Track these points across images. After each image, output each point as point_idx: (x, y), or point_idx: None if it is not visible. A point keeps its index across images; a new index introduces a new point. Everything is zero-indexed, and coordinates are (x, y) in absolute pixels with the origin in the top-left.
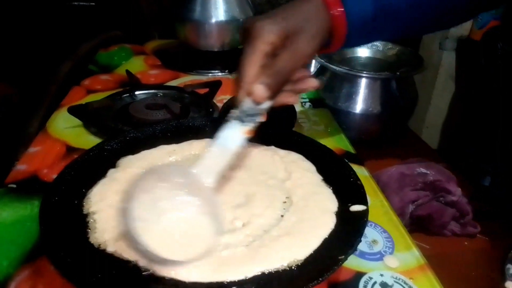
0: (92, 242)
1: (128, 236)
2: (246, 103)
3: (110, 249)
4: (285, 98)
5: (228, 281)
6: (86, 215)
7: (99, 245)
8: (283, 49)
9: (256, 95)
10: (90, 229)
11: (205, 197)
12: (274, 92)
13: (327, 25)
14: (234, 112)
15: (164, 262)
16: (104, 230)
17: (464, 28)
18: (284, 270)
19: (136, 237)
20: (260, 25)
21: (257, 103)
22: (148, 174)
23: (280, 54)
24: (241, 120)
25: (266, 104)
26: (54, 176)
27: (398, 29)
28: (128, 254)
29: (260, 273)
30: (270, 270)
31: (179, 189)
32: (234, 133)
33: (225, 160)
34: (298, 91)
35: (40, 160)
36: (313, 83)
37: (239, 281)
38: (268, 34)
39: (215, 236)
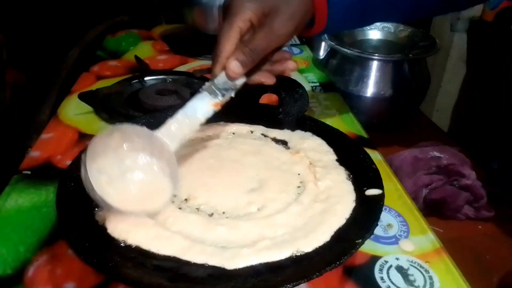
0: (98, 218)
1: (89, 189)
2: (220, 77)
3: (108, 224)
4: (262, 78)
5: (244, 266)
6: None
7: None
8: (260, 27)
9: (230, 70)
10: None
11: (165, 160)
12: (248, 69)
13: (307, 7)
14: (206, 84)
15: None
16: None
17: (476, 9)
18: (300, 254)
19: (95, 188)
20: (239, 2)
21: (231, 78)
22: (114, 131)
23: (257, 32)
24: (212, 92)
25: (240, 81)
26: (68, 162)
27: (385, 13)
28: (117, 233)
29: (277, 258)
30: (287, 255)
31: (142, 149)
32: (202, 104)
33: (189, 129)
34: (275, 72)
35: (53, 146)
36: (291, 65)
37: (255, 265)
38: (245, 11)
39: (170, 196)
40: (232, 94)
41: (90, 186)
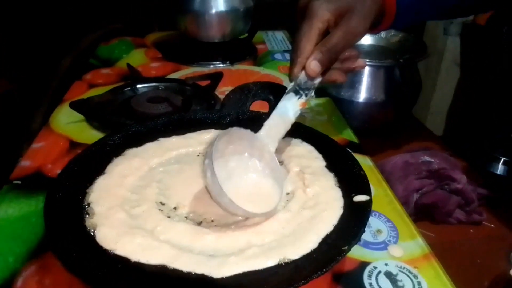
0: (87, 226)
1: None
2: (301, 77)
3: (97, 233)
4: (334, 76)
5: (231, 275)
6: (87, 206)
7: (93, 229)
8: (336, 27)
9: (310, 70)
10: (88, 214)
11: (267, 161)
12: (326, 68)
13: (378, 5)
14: (290, 85)
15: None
16: (100, 215)
17: None
18: (287, 262)
19: (220, 189)
20: (316, 4)
21: (311, 77)
22: (221, 135)
23: (334, 32)
24: (296, 92)
25: (318, 79)
26: (58, 171)
27: (446, 8)
28: (106, 243)
29: (264, 266)
30: (274, 263)
31: (245, 151)
32: (291, 104)
33: (284, 128)
34: (345, 69)
35: (43, 155)
36: (361, 63)
37: (241, 273)
38: (323, 12)
39: (279, 196)
40: (313, 94)
41: (218, 188)
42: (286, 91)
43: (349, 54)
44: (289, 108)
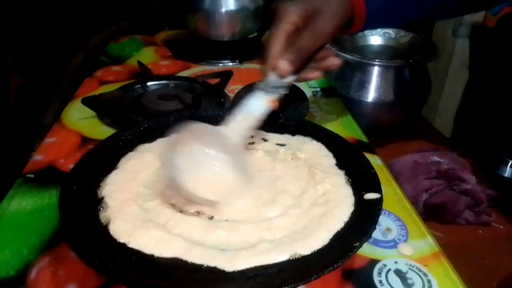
0: (101, 219)
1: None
2: (271, 77)
3: (111, 226)
4: (309, 74)
5: (243, 269)
6: (101, 199)
7: (107, 222)
8: (305, 28)
9: (280, 69)
10: (102, 207)
11: (233, 155)
12: (297, 67)
13: (346, 6)
14: (260, 84)
15: (207, 202)
16: (113, 208)
17: (478, 15)
18: (298, 257)
19: (177, 181)
20: (283, 7)
21: (281, 77)
22: (186, 132)
23: (302, 33)
24: (265, 91)
25: (290, 78)
26: (70, 166)
27: (420, 11)
28: (119, 235)
29: (276, 261)
30: (285, 258)
31: (212, 146)
32: (258, 101)
33: (249, 124)
34: (321, 68)
35: (56, 150)
36: (335, 61)
37: (253, 267)
38: (290, 14)
39: (247, 187)
40: (285, 91)
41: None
42: (255, 89)
43: (324, 53)
44: (256, 105)
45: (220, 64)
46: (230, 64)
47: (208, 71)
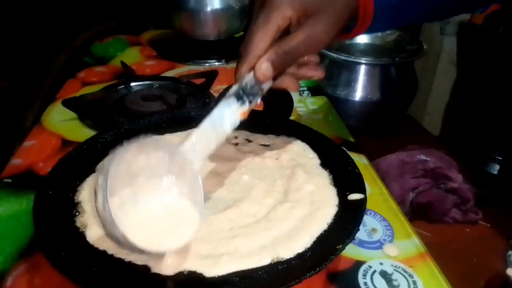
0: (77, 225)
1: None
2: (248, 80)
3: (88, 232)
4: (285, 83)
5: (224, 274)
6: (77, 204)
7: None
8: (299, 28)
9: (260, 72)
10: (79, 213)
11: (187, 180)
12: (278, 72)
13: (351, 9)
14: (233, 88)
15: (143, 253)
16: (90, 213)
17: None
18: (280, 261)
19: (113, 218)
20: None
21: (259, 81)
22: (131, 144)
23: (295, 34)
24: (239, 97)
25: (267, 85)
26: (50, 170)
27: (425, 11)
28: (103, 245)
29: (257, 265)
30: (267, 262)
31: (160, 164)
32: (229, 112)
33: (215, 142)
34: (301, 77)
35: (35, 154)
36: (319, 72)
37: (236, 272)
38: (286, 7)
39: (196, 225)
40: (258, 101)
41: (109, 217)
42: (227, 94)
43: (307, 59)
44: (226, 117)
45: (206, 64)
46: (217, 63)
47: (193, 71)
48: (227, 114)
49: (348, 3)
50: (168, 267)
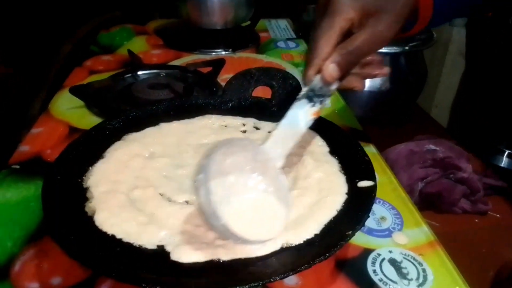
0: (86, 211)
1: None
2: (316, 82)
3: (96, 217)
4: (352, 83)
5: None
6: (86, 189)
7: (92, 213)
8: (361, 28)
9: (327, 74)
10: (87, 198)
11: (271, 177)
12: (345, 73)
13: (411, 6)
14: (304, 90)
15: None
16: (99, 198)
17: None
18: (290, 246)
19: (216, 212)
20: (340, 0)
21: (327, 82)
22: (221, 145)
23: (358, 34)
24: (310, 99)
25: (335, 85)
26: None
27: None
28: (111, 229)
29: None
30: (277, 248)
31: (249, 165)
32: (303, 113)
33: (293, 140)
34: (365, 76)
35: (43, 141)
36: (384, 70)
37: (244, 259)
38: (348, 9)
39: (283, 220)
40: (328, 101)
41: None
42: (298, 96)
43: (371, 58)
44: (301, 118)
45: (213, 53)
46: (223, 53)
47: (200, 59)
48: (301, 115)
49: (407, 2)
50: None
